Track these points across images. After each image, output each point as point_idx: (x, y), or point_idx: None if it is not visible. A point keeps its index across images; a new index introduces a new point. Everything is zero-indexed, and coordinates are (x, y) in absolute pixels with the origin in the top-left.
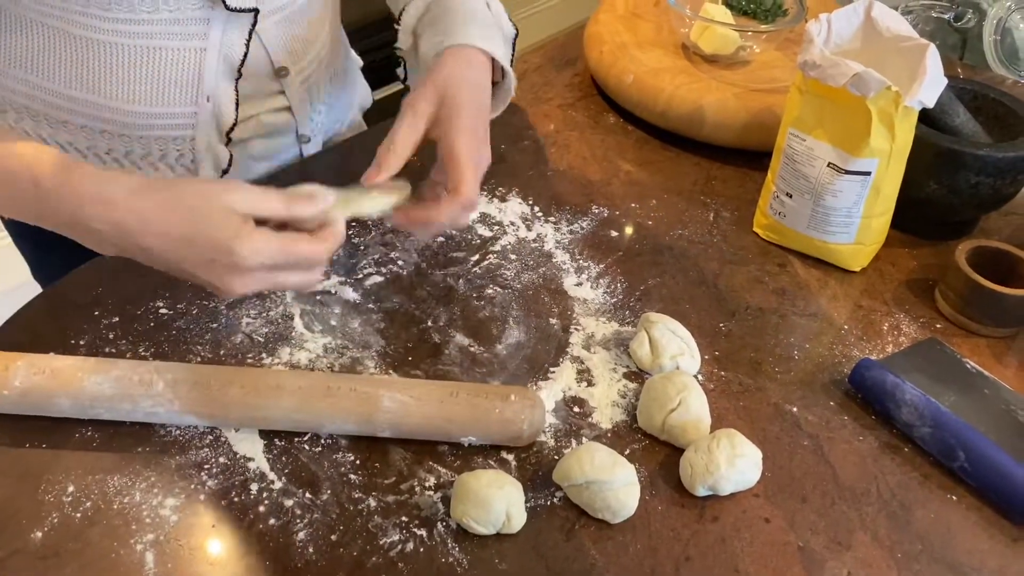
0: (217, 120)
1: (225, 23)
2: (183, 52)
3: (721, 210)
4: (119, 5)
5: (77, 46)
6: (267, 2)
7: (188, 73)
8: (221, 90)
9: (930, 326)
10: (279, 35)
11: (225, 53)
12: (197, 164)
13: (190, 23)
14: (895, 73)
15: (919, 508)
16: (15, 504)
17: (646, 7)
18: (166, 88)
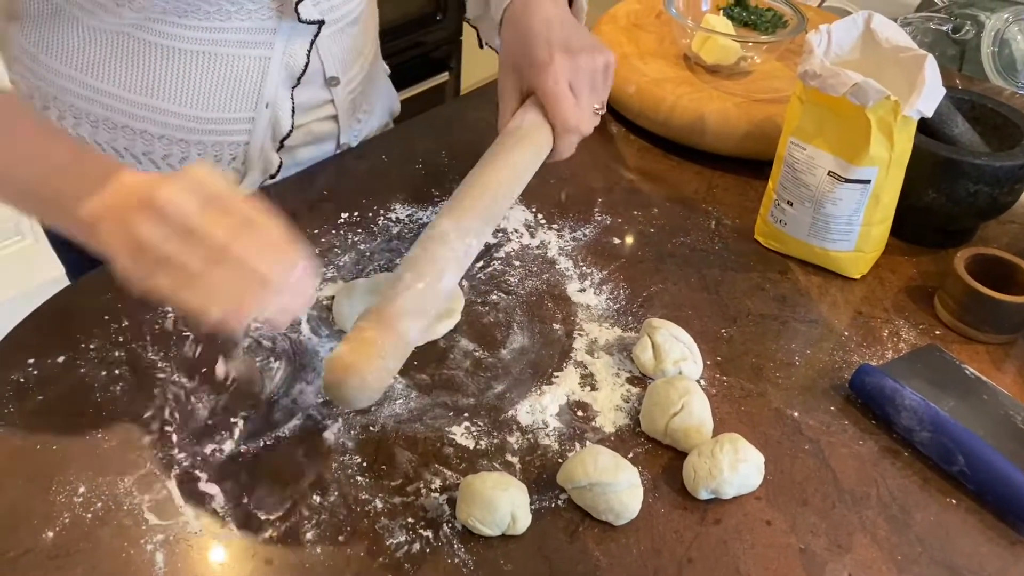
0: (273, 127)
1: (290, 33)
2: (248, 60)
3: (723, 218)
4: (195, 13)
5: (144, 51)
6: (330, 13)
7: (251, 80)
8: (280, 98)
9: (929, 332)
10: (333, 46)
11: (287, 62)
12: (247, 168)
13: (258, 32)
14: (894, 83)
15: (919, 511)
16: (27, 504)
17: (648, 18)
18: (228, 94)
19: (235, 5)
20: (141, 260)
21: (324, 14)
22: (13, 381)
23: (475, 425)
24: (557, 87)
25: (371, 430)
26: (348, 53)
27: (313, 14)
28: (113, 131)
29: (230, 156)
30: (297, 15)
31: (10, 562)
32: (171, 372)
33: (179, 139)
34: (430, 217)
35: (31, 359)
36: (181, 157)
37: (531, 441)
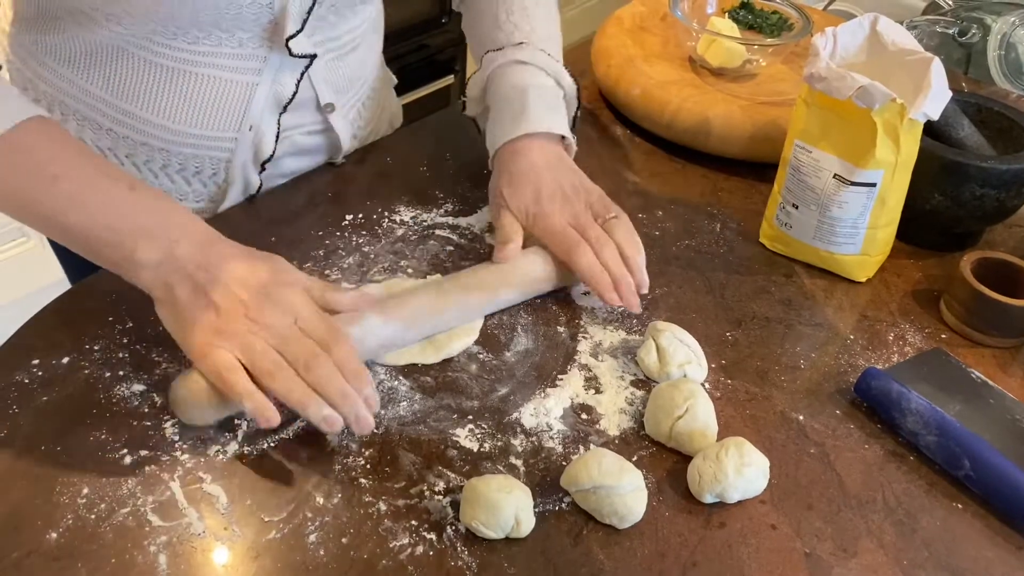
0: (255, 149)
1: (280, 64)
2: (236, 84)
3: (728, 221)
4: (185, 36)
5: (136, 64)
6: (322, 45)
7: (237, 103)
8: (265, 122)
9: (935, 336)
10: (328, 74)
11: (276, 90)
12: (228, 184)
13: (248, 59)
14: (900, 86)
15: (925, 516)
16: (30, 506)
17: (653, 21)
18: (213, 113)
19: (226, 32)
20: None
21: (318, 47)
22: (18, 382)
23: (479, 427)
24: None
25: (375, 432)
26: (344, 80)
27: (306, 48)
28: (98, 132)
29: (211, 170)
30: (288, 50)
31: (14, 563)
32: (175, 374)
33: (161, 148)
34: (434, 219)
35: (36, 360)
36: (162, 164)
37: (535, 444)
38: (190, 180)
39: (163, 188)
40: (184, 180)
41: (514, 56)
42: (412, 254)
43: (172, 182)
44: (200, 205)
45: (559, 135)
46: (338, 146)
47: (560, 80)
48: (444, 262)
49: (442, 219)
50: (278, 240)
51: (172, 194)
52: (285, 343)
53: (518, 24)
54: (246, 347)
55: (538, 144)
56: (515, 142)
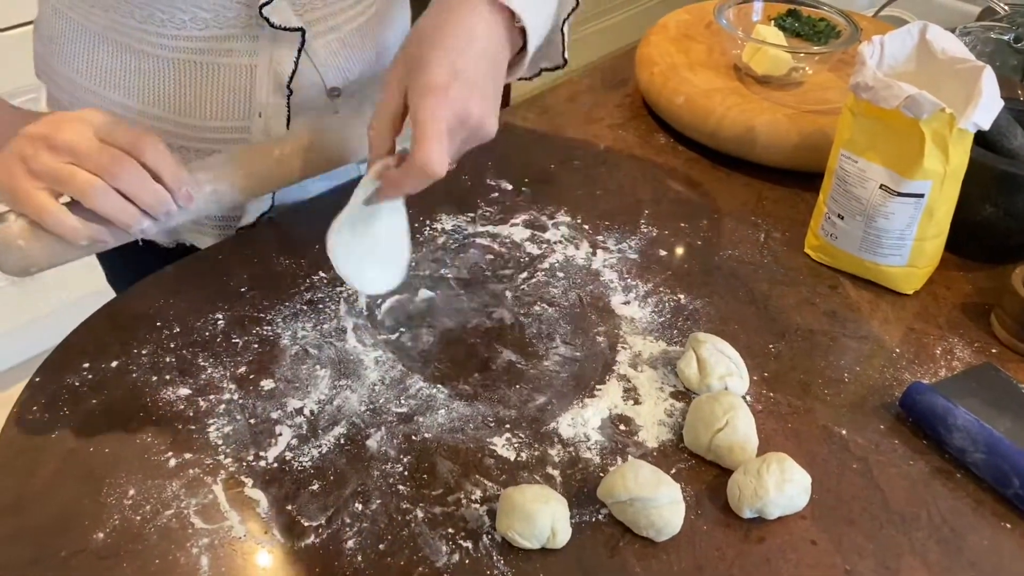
0: (268, 135)
1: (272, 41)
2: (234, 69)
3: (772, 231)
4: (171, 22)
5: (138, 59)
6: (315, 23)
7: (240, 88)
8: (272, 106)
9: (985, 351)
10: (331, 57)
11: (275, 70)
12: None
13: (239, 40)
14: (950, 95)
15: (971, 534)
16: (79, 505)
17: (698, 29)
18: (218, 102)
19: (210, 13)
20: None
21: (310, 25)
22: (68, 385)
23: (516, 437)
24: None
25: (413, 439)
26: (353, 64)
27: (289, 19)
28: None
29: None
30: (269, 22)
31: (62, 561)
32: (220, 378)
33: (180, 146)
34: (475, 228)
35: (86, 364)
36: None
37: (572, 454)
38: None
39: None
40: None
41: None
42: (452, 262)
43: None
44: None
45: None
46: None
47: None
48: (484, 270)
49: (482, 228)
50: (321, 248)
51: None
52: (89, 157)
53: None
54: (55, 178)
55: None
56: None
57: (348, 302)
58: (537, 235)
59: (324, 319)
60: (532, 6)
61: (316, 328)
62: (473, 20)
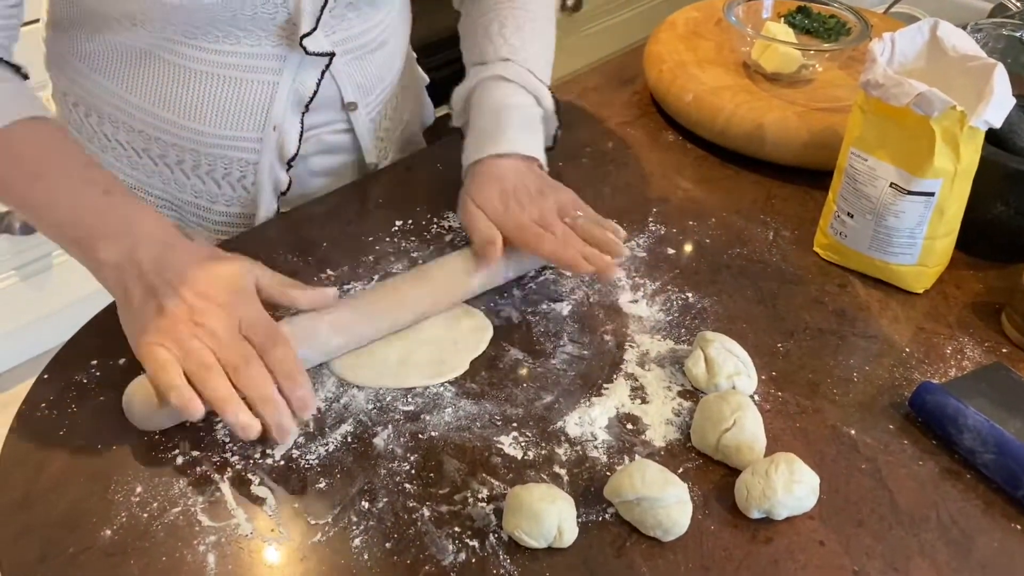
0: (280, 149)
1: (300, 63)
2: (256, 84)
3: (781, 229)
4: (204, 36)
5: (161, 66)
6: (341, 44)
7: (259, 103)
8: (288, 122)
9: (995, 350)
10: (351, 73)
11: (296, 88)
12: (258, 186)
13: (268, 59)
14: (961, 93)
15: (981, 536)
16: (87, 503)
17: (707, 26)
18: (236, 115)
19: (244, 31)
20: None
21: (336, 45)
22: (77, 382)
23: (523, 435)
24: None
25: (420, 438)
26: (369, 79)
27: (323, 46)
28: (132, 134)
29: (239, 172)
30: (304, 48)
31: (70, 558)
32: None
33: (191, 149)
34: None
35: (94, 361)
36: (193, 165)
37: (579, 453)
38: (219, 182)
39: (195, 189)
40: (214, 182)
41: (498, 72)
42: None
43: (203, 183)
44: (232, 208)
45: (532, 157)
46: (366, 148)
47: (540, 99)
48: None
49: None
50: (329, 245)
51: (203, 195)
52: (221, 346)
53: (508, 39)
54: (183, 347)
55: (509, 162)
56: (486, 161)
57: None
58: None
59: None
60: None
61: None
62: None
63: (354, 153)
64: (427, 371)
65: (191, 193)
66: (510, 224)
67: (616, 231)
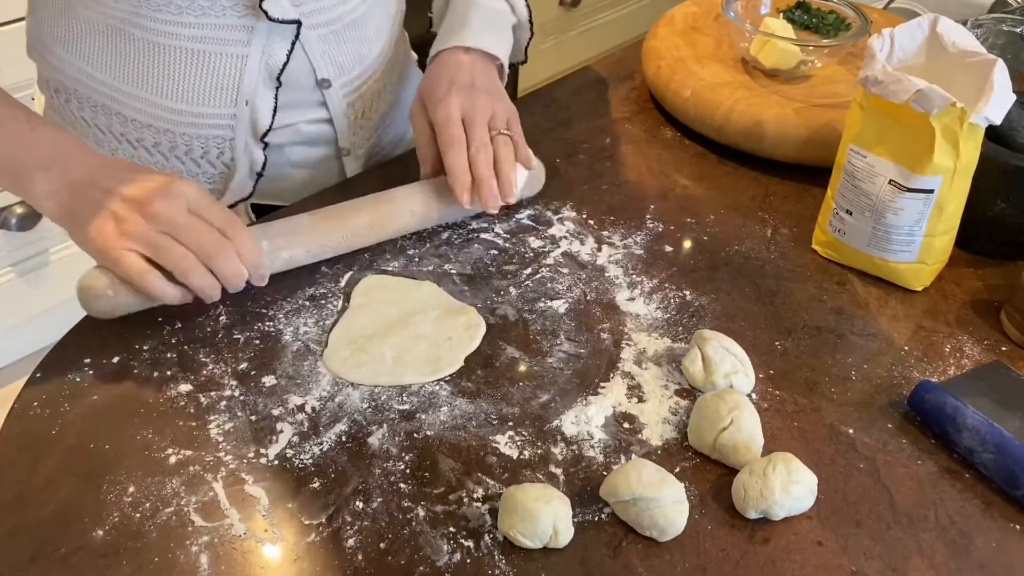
0: (253, 124)
1: (268, 33)
2: (226, 57)
3: (779, 226)
4: (167, 7)
5: (130, 44)
6: (311, 15)
7: (229, 77)
8: (260, 95)
9: (995, 349)
10: (325, 48)
11: (266, 61)
12: (235, 163)
13: (234, 30)
14: (960, 89)
15: (980, 536)
16: (79, 503)
17: (705, 21)
18: (207, 90)
19: (208, 1)
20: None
21: (306, 16)
22: (70, 381)
23: (519, 434)
24: (448, 117)
25: (415, 437)
26: (346, 56)
27: (288, 13)
28: (109, 116)
29: (217, 150)
30: (266, 15)
31: (62, 558)
32: (221, 374)
33: (166, 129)
34: (479, 224)
35: (87, 359)
36: (170, 146)
37: (575, 452)
38: (198, 162)
39: (173, 169)
40: (193, 162)
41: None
42: (456, 257)
43: (182, 163)
44: (211, 185)
45: (493, 55)
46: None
47: (514, 7)
48: (488, 266)
49: (486, 223)
50: None
51: (182, 174)
52: (182, 231)
53: None
54: (150, 245)
55: (467, 57)
56: (446, 52)
57: (349, 299)
58: (542, 230)
59: (326, 315)
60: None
61: (318, 324)
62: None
63: (333, 145)
64: (423, 368)
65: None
66: (440, 114)
67: (528, 161)
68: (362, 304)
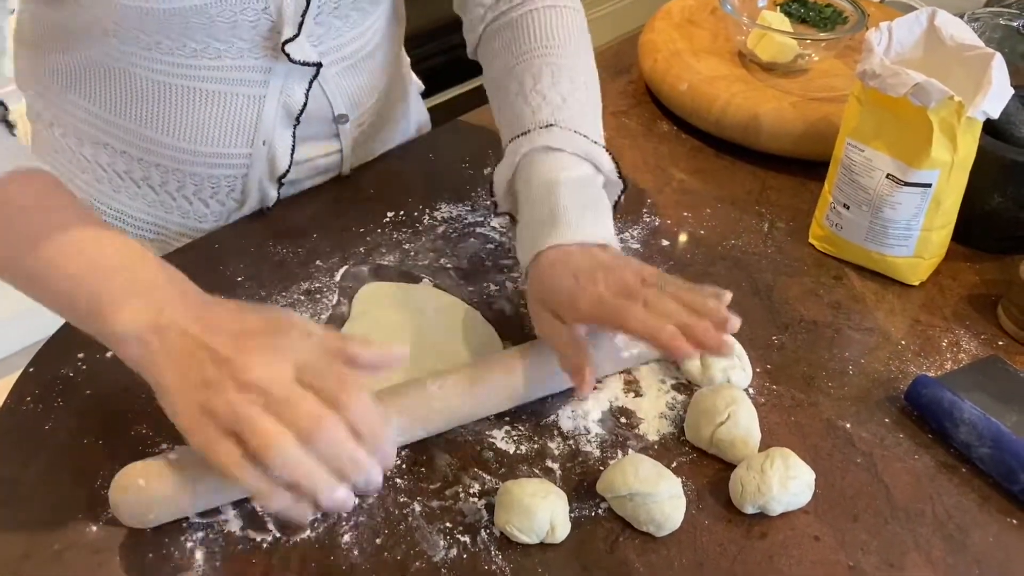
0: (270, 164)
1: (287, 74)
2: (243, 98)
3: (776, 220)
4: (181, 50)
5: (141, 85)
6: (329, 54)
7: (246, 118)
8: (277, 136)
9: (992, 343)
10: (342, 84)
11: (284, 101)
12: (245, 199)
13: (252, 71)
14: (958, 83)
15: (977, 531)
16: (73, 498)
17: (702, 15)
18: (223, 131)
19: (223, 43)
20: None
21: (324, 56)
22: (63, 376)
23: (516, 430)
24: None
25: None
26: (360, 90)
27: (310, 56)
28: (113, 155)
29: (227, 188)
30: (288, 57)
31: (55, 554)
32: None
33: (174, 169)
34: (476, 218)
35: (81, 354)
36: (178, 185)
37: (572, 447)
38: (207, 202)
39: (182, 210)
40: (202, 202)
41: (542, 142)
42: (453, 252)
43: (190, 204)
44: (218, 223)
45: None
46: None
47: (599, 165)
48: (484, 260)
49: (483, 217)
50: (320, 237)
51: (189, 216)
52: (281, 405)
53: (546, 95)
54: (236, 420)
55: (576, 248)
56: (547, 252)
57: (345, 293)
58: None
59: (321, 309)
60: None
61: (314, 318)
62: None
63: (337, 170)
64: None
65: (178, 214)
66: (583, 302)
67: (720, 295)
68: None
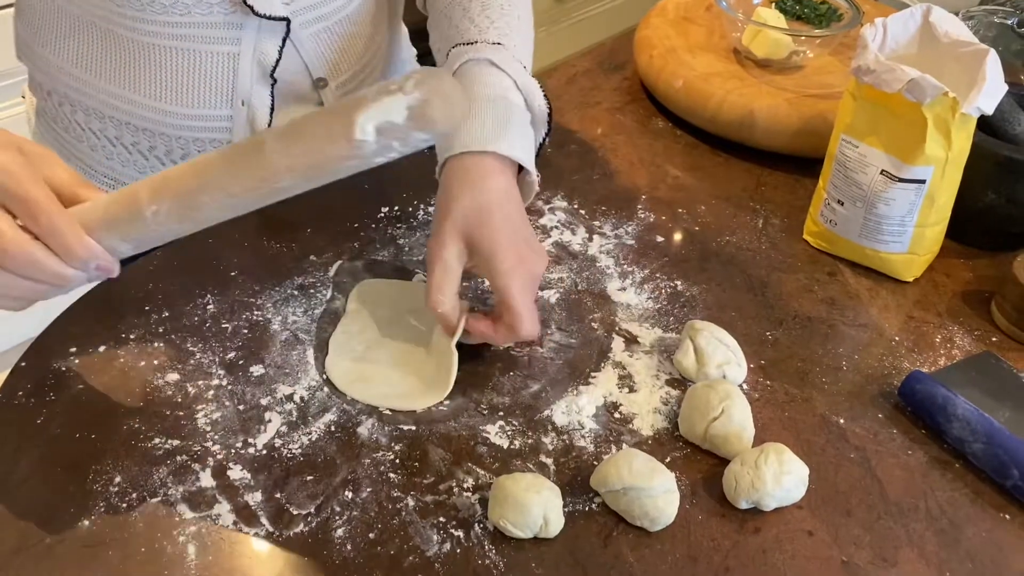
0: (251, 125)
1: (258, 29)
2: (217, 56)
3: (771, 216)
4: (151, 6)
5: (120, 45)
6: (300, 13)
7: (222, 77)
8: (256, 95)
9: (985, 339)
10: (317, 46)
11: (259, 59)
12: None
13: (223, 27)
14: (953, 79)
15: (969, 526)
16: (64, 492)
17: (698, 11)
18: (201, 91)
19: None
20: None
21: (295, 14)
22: (55, 369)
23: (510, 424)
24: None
25: (405, 427)
26: (338, 55)
27: (277, 9)
28: (103, 120)
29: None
30: (252, 10)
31: (46, 549)
32: (209, 363)
33: (160, 133)
34: None
35: (73, 348)
36: (165, 150)
37: (566, 442)
38: None
39: None
40: None
41: (488, 55)
42: None
43: None
44: None
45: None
46: None
47: (531, 101)
48: None
49: None
50: (314, 232)
51: None
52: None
53: (494, 21)
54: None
55: (497, 169)
56: (471, 157)
57: (339, 288)
58: (532, 220)
59: (315, 304)
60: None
61: (307, 313)
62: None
63: None
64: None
65: None
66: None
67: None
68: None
